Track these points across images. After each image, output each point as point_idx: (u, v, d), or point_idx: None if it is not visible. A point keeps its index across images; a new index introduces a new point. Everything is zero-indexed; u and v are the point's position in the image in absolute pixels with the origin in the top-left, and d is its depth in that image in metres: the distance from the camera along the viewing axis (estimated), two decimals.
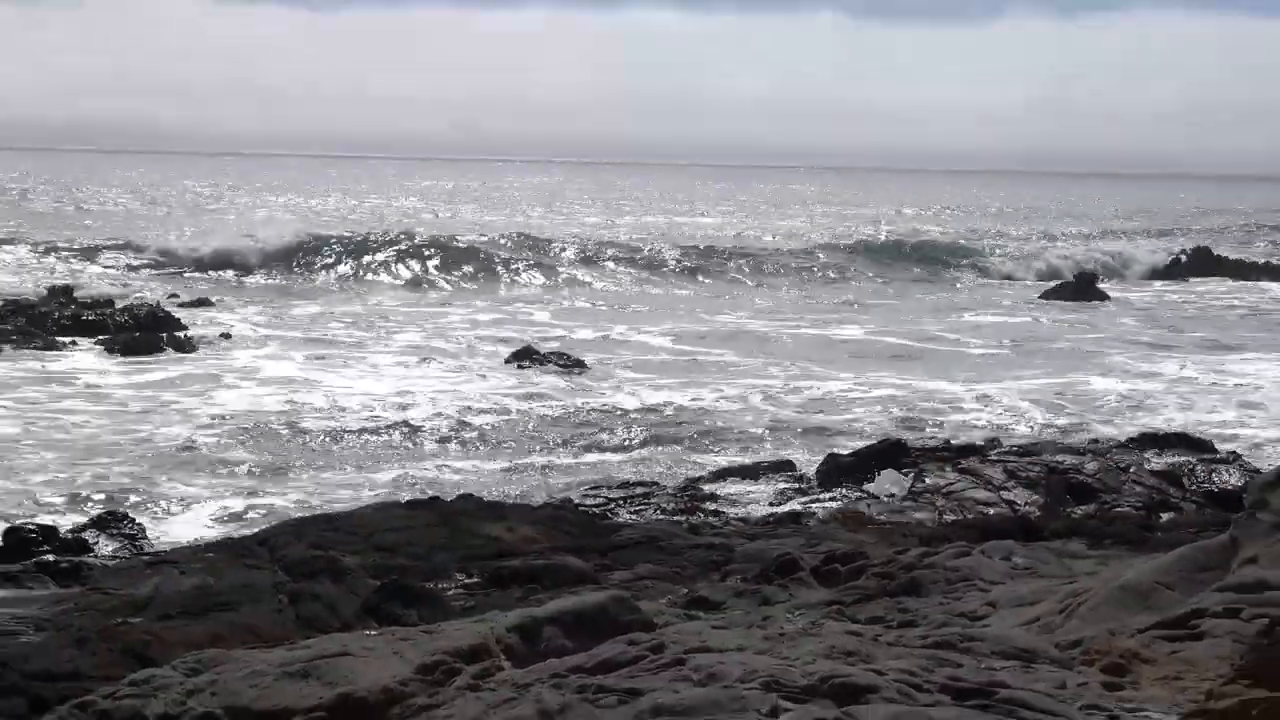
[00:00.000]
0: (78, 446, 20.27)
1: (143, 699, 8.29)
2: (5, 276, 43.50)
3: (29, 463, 19.06)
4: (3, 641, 10.80)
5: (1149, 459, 17.16)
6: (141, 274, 47.82)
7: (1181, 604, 9.11)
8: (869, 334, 36.62)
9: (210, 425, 22.16)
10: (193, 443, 20.78)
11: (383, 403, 24.34)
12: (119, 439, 20.95)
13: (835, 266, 54.16)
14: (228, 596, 11.59)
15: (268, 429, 21.82)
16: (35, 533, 13.89)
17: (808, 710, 7.22)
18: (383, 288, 46.51)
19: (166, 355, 29.58)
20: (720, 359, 31.53)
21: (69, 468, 19.00)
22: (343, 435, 21.56)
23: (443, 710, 7.94)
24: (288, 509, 16.01)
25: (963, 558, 11.94)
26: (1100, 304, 45.43)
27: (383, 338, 33.99)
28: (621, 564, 12.85)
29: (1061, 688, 7.55)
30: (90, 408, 23.46)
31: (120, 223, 70.66)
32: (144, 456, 19.81)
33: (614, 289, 47.93)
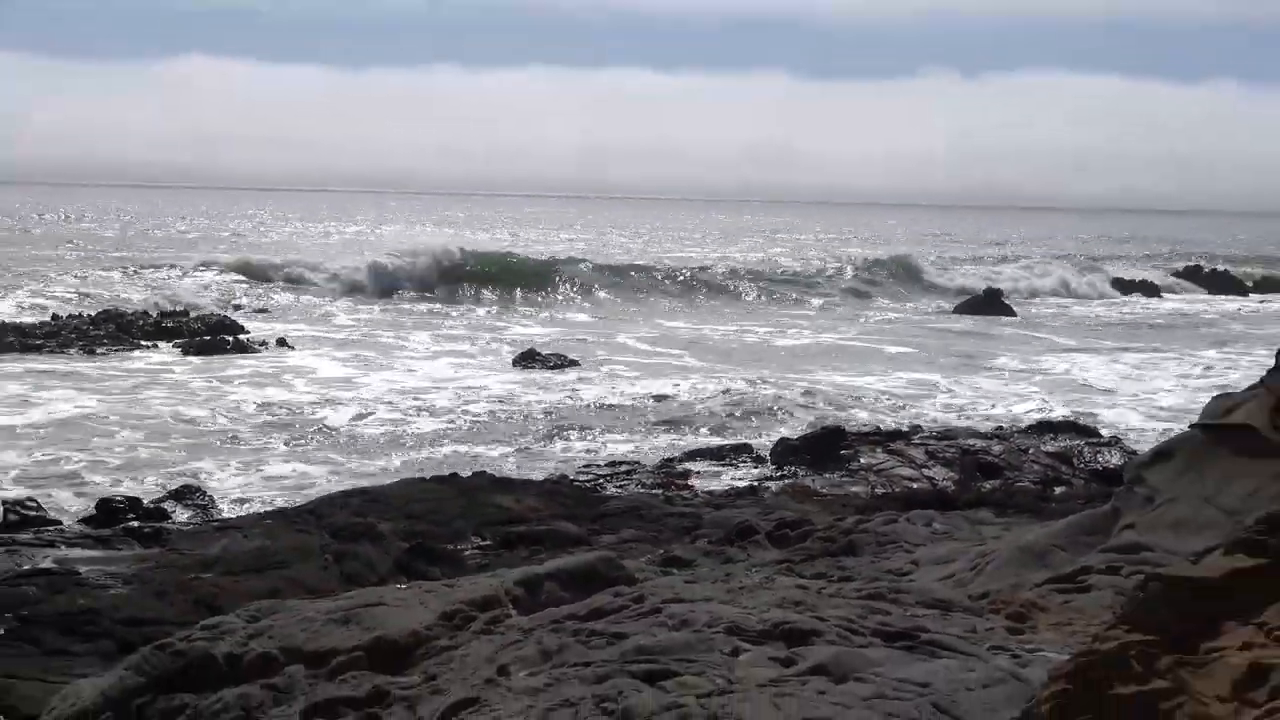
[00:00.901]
0: (151, 429, 20.70)
1: (212, 641, 8.39)
2: (129, 291, 42.64)
3: (111, 442, 19.55)
4: (96, 593, 10.95)
5: (1044, 442, 17.41)
6: (308, 289, 46.86)
7: (1072, 562, 9.26)
8: (807, 340, 36.90)
9: (264, 412, 22.51)
10: (247, 427, 21.20)
11: (411, 396, 24.81)
12: (186, 424, 21.36)
13: (781, 284, 53.55)
14: (283, 556, 11.72)
15: (312, 417, 22.13)
16: (122, 503, 14.07)
17: (763, 651, 7.30)
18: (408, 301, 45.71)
19: (230, 355, 29.64)
20: (685, 360, 31.97)
21: (144, 446, 19.49)
22: (376, 423, 21.95)
23: (460, 650, 8.04)
24: (331, 484, 15.96)
25: (891, 524, 12.07)
26: (1004, 315, 45.53)
27: (412, 342, 33.83)
28: (608, 529, 12.99)
29: (973, 631, 7.65)
30: (163, 397, 23.86)
31: (245, 246, 69.37)
32: (207, 437, 20.29)
33: (599, 302, 47.33)
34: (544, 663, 7.59)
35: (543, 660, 7.63)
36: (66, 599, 10.73)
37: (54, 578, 11.08)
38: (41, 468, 17.73)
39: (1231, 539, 6.58)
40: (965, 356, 33.47)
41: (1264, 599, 5.68)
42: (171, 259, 55.73)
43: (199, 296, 42.56)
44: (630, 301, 48.66)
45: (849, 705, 6.84)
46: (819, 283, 55.41)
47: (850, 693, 6.92)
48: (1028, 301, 52.72)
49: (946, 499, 14.28)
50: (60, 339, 30.33)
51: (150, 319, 33.95)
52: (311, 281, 47.02)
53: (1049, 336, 39.86)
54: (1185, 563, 6.82)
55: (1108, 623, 6.22)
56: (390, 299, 45.59)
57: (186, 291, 43.04)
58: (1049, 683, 5.53)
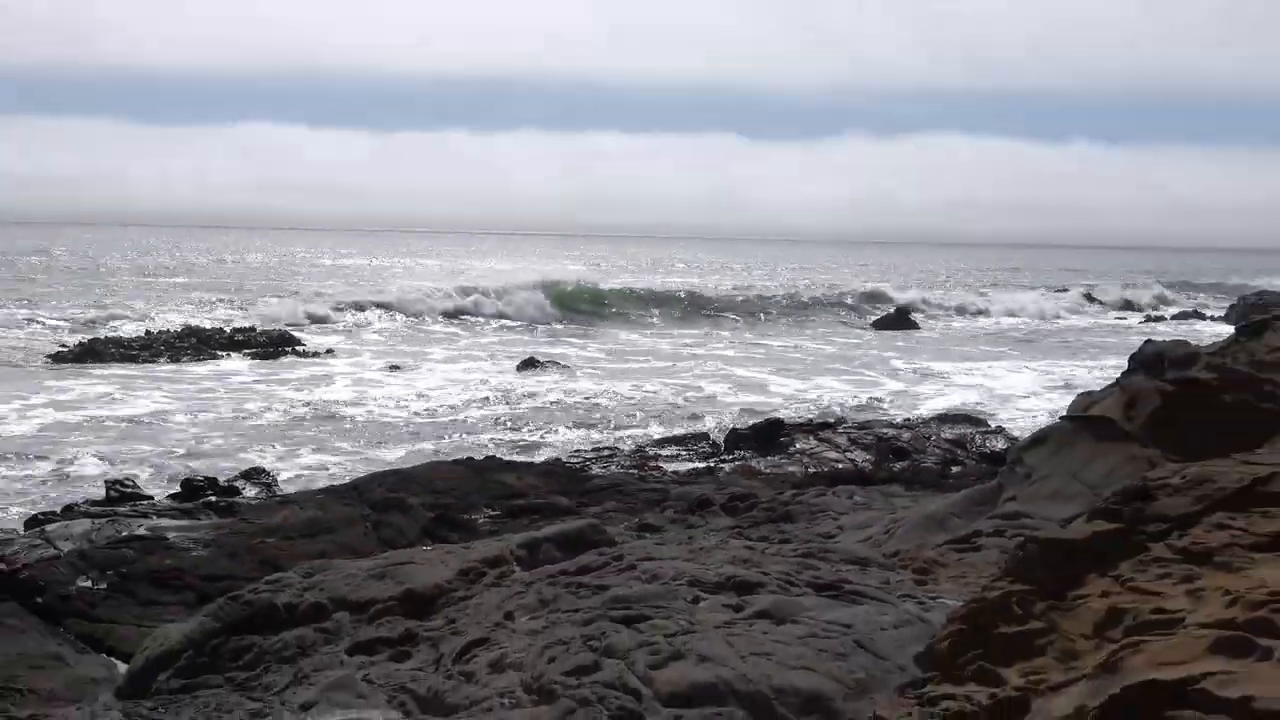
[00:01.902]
0: (220, 423, 20.68)
1: (274, 593, 8.38)
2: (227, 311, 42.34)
3: (187, 434, 19.55)
4: (180, 555, 10.93)
5: (943, 430, 17.43)
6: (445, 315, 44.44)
7: (965, 527, 9.28)
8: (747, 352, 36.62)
9: (311, 408, 22.49)
10: (297, 419, 21.24)
11: (435, 394, 24.83)
12: (248, 417, 21.32)
13: (733, 308, 53.06)
14: (331, 525, 11.69)
15: (352, 412, 22.16)
16: (202, 482, 14.04)
17: (718, 599, 7.29)
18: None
19: (287, 362, 29.64)
20: (655, 365, 31.75)
21: (213, 435, 19.51)
22: (406, 417, 22.00)
23: (474, 600, 8.04)
24: (369, 466, 15.97)
25: (820, 497, 12.08)
26: (912, 330, 45.66)
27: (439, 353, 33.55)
28: (593, 502, 12.98)
29: (886, 583, 7.69)
30: (230, 397, 23.80)
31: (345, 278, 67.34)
32: (262, 428, 20.19)
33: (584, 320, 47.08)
34: (542, 609, 7.59)
35: (541, 607, 7.62)
36: (157, 559, 10.70)
37: (147, 542, 11.04)
38: (129, 452, 17.65)
39: (1093, 508, 6.61)
40: (878, 361, 33.53)
41: (1119, 556, 5.70)
42: (265, 288, 55.66)
43: (298, 312, 41.75)
44: (610, 321, 48.37)
45: (787, 643, 6.84)
46: (765, 304, 55.10)
47: (788, 633, 6.93)
48: (931, 319, 52.73)
49: (865, 477, 14.32)
50: (152, 350, 30.23)
51: (225, 334, 33.75)
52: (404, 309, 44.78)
53: (948, 346, 39.86)
54: (1056, 527, 6.85)
55: (994, 576, 6.25)
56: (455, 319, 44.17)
57: (273, 311, 42.26)
58: (947, 624, 5.55)
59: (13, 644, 9.04)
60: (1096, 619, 5.20)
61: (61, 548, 10.77)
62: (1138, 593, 5.40)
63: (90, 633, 9.63)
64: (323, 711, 6.80)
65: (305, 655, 7.75)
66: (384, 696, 6.96)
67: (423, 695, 6.92)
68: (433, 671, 7.19)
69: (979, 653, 5.10)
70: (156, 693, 7.76)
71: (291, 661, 7.72)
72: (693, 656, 6.69)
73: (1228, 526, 5.81)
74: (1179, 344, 9.88)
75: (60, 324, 37.34)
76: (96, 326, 36.73)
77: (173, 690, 7.73)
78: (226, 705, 7.22)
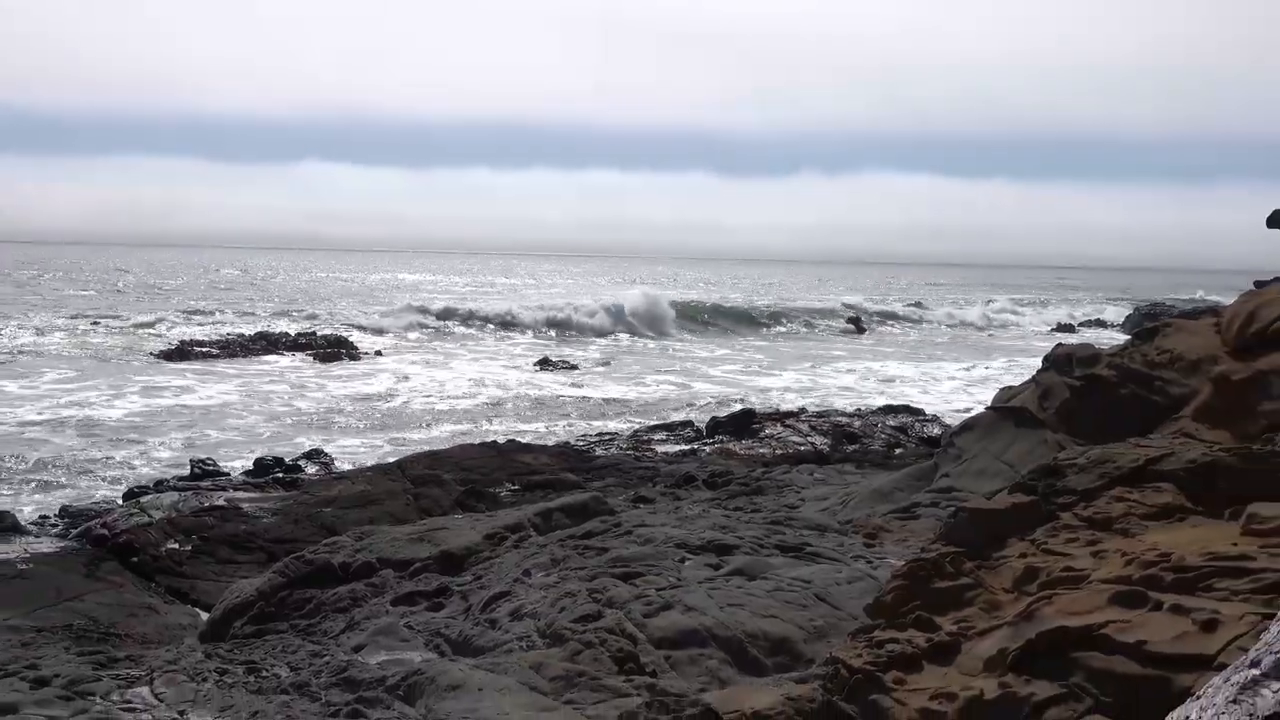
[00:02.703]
0: (283, 411, 20.57)
1: (331, 553, 8.36)
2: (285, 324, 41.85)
3: (249, 421, 19.38)
4: (253, 522, 10.93)
5: (888, 419, 17.34)
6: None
7: (907, 499, 9.25)
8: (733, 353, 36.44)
9: (360, 399, 22.42)
10: (353, 409, 21.13)
11: (462, 388, 24.77)
12: (309, 407, 21.25)
13: (724, 317, 51.84)
14: (378, 496, 11.66)
15: (396, 403, 22.09)
16: (271, 461, 14.06)
17: (700, 559, 7.26)
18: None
19: (342, 361, 29.44)
20: (651, 365, 31.60)
21: (277, 421, 19.43)
22: (441, 406, 21.92)
23: (498, 559, 8.01)
24: (410, 448, 15.94)
25: (786, 474, 12.05)
26: (860, 335, 45.69)
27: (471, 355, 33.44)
28: (597, 478, 12.96)
29: (841, 546, 7.70)
30: (287, 389, 23.70)
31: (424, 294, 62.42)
32: (316, 416, 20.04)
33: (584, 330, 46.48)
34: (554, 567, 7.58)
35: (553, 565, 7.62)
36: (233, 526, 10.70)
37: (224, 511, 11.01)
38: (207, 435, 17.62)
39: (1013, 483, 6.62)
40: (832, 360, 33.55)
41: (1034, 523, 5.71)
42: (324, 299, 55.18)
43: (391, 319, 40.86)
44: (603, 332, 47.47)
45: (758, 595, 6.84)
46: (740, 315, 54.12)
47: (759, 587, 6.94)
48: (875, 326, 52.33)
49: (823, 457, 14.30)
50: (228, 350, 30.12)
51: (290, 336, 33.50)
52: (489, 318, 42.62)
53: (890, 348, 39.78)
54: (982, 499, 6.86)
55: (931, 540, 6.26)
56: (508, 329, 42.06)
57: (371, 318, 41.39)
58: (891, 579, 5.56)
59: (113, 596, 9.03)
60: (1015, 576, 5.21)
61: (153, 516, 10.75)
62: (1050, 554, 5.40)
63: (177, 587, 9.64)
64: (371, 652, 6.80)
65: (356, 605, 7.75)
66: (422, 640, 6.95)
67: (454, 639, 6.92)
68: (463, 619, 7.19)
69: (918, 604, 5.10)
70: (232, 637, 7.75)
71: (345, 611, 7.72)
72: (679, 607, 6.70)
73: (1125, 499, 5.82)
74: (1084, 346, 9.88)
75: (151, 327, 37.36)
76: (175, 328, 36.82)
77: (246, 635, 7.72)
78: (291, 647, 7.22)
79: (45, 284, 64.55)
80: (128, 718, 5.94)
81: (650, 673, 6.05)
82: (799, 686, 4.75)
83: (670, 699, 4.73)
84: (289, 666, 6.75)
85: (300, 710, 5.94)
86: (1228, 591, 4.44)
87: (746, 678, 5.87)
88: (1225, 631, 4.11)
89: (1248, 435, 7.14)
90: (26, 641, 7.78)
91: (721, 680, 5.87)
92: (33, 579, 9.10)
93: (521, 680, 6.01)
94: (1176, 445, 6.69)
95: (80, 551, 9.98)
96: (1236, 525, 5.23)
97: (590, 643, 6.33)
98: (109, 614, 8.56)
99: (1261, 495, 5.52)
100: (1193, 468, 5.94)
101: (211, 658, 7.05)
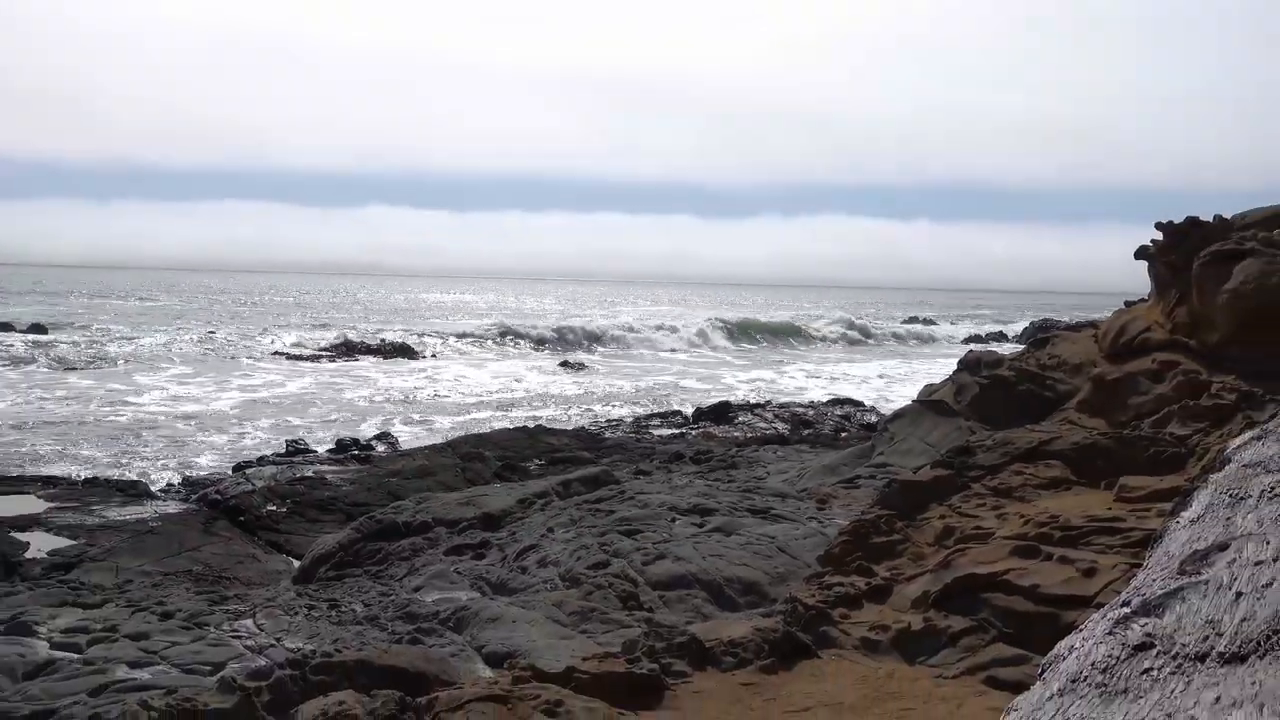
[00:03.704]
0: (352, 400, 20.39)
1: (396, 514, 8.34)
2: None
3: (322, 410, 19.11)
4: (335, 489, 10.86)
5: (835, 409, 17.25)
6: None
7: (851, 472, 9.19)
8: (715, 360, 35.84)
9: (417, 392, 22.25)
10: (415, 401, 20.89)
11: (499, 384, 24.52)
12: (377, 397, 21.04)
13: (718, 331, 49.80)
14: (433, 469, 11.63)
15: (449, 397, 21.80)
16: (349, 442, 13.95)
17: (688, 519, 7.22)
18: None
19: (405, 363, 29.22)
20: (647, 366, 31.15)
21: (349, 409, 19.27)
22: (483, 399, 21.67)
23: (528, 519, 7.97)
24: (458, 431, 15.83)
25: (755, 452, 12.00)
26: (813, 343, 44.91)
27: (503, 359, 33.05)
28: (606, 455, 12.89)
29: (798, 509, 7.59)
30: (353, 384, 23.43)
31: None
32: (388, 405, 19.97)
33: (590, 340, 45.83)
34: (572, 525, 7.57)
35: (571, 524, 7.61)
36: (319, 492, 10.65)
37: (312, 481, 10.97)
38: (296, 420, 17.48)
39: (934, 460, 6.63)
40: (790, 363, 33.41)
41: (951, 492, 5.70)
42: (392, 313, 54.33)
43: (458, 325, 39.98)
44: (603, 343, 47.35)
45: (733, 548, 6.83)
46: (731, 329, 51.27)
47: (733, 541, 6.93)
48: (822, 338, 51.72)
49: (784, 439, 14.26)
50: (309, 355, 29.89)
51: (363, 343, 33.02)
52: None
53: (837, 354, 39.59)
54: (910, 473, 6.87)
55: (869, 504, 6.27)
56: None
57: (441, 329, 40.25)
58: (838, 535, 5.56)
59: (224, 547, 9.01)
60: (936, 533, 5.22)
61: (256, 484, 10.72)
62: (963, 516, 5.41)
63: (274, 540, 9.61)
64: (427, 592, 6.79)
65: (416, 555, 7.74)
66: (468, 582, 6.95)
67: (493, 582, 6.91)
68: (500, 566, 7.19)
69: (859, 555, 5.11)
70: (318, 580, 7.73)
71: (407, 559, 7.71)
72: (671, 557, 6.71)
73: (1022, 473, 5.82)
74: (989, 353, 9.87)
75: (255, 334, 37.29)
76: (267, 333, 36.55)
77: (328, 578, 7.71)
78: (364, 588, 7.20)
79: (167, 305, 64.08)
80: (235, 643, 5.92)
81: (648, 609, 6.05)
82: (765, 620, 4.74)
83: (664, 629, 4.73)
84: (362, 603, 6.74)
85: (371, 638, 5.92)
86: (1104, 546, 4.44)
87: (724, 613, 5.86)
88: (1102, 578, 4.11)
89: (1119, 423, 7.15)
90: (156, 583, 7.77)
91: (704, 615, 5.87)
92: (161, 534, 9.09)
93: (546, 615, 6.00)
94: (1063, 430, 6.70)
95: (198, 513, 9.96)
96: (1111, 494, 5.24)
97: (600, 585, 6.33)
98: (221, 561, 8.54)
99: (1130, 470, 5.53)
100: (1076, 448, 5.94)
101: (301, 596, 7.03)
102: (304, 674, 4.26)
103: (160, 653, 5.69)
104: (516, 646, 5.46)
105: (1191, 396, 6.93)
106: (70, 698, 5.07)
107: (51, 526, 9.27)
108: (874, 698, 3.70)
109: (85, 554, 8.46)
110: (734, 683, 3.87)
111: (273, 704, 4.07)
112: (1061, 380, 8.50)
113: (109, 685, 5.20)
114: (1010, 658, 3.88)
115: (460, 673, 4.73)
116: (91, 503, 10.06)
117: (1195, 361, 7.51)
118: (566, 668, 3.76)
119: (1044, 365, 8.80)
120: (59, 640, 5.82)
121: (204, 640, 5.91)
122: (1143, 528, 4.37)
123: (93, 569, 8.06)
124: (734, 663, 4.02)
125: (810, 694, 3.75)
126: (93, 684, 5.22)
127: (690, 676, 3.91)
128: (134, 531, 9.11)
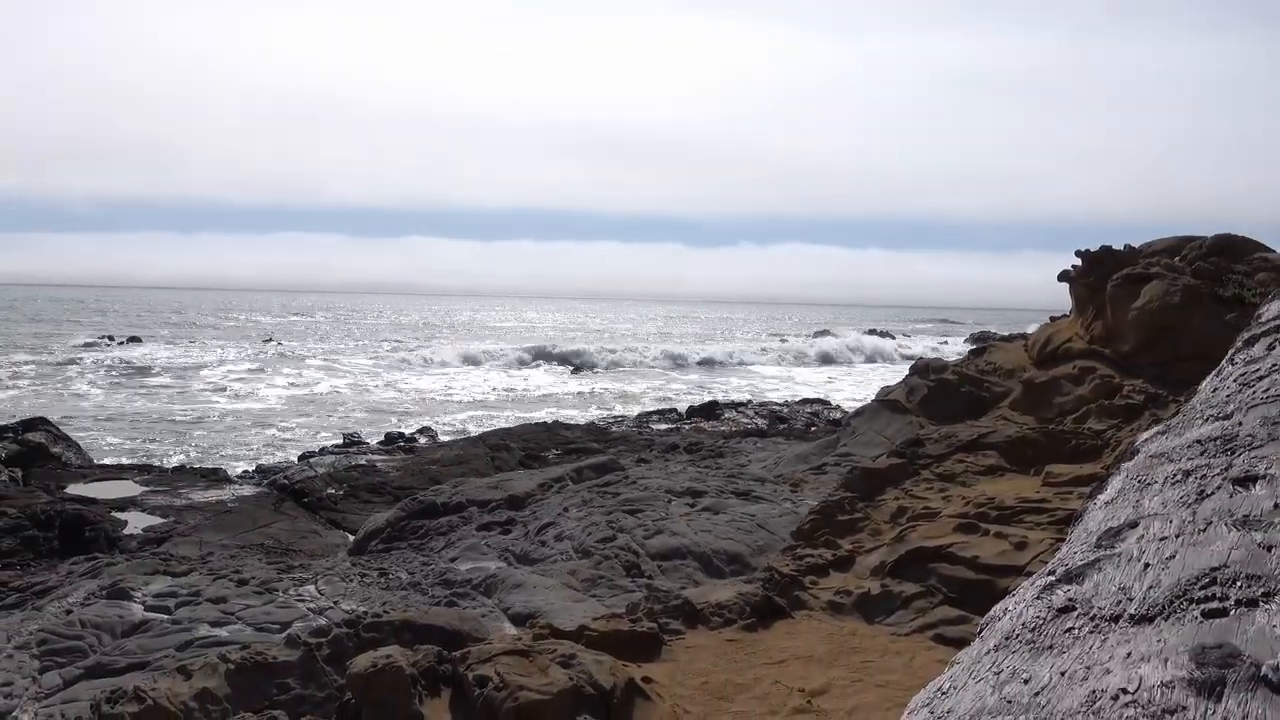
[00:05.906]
0: (369, 402, 20.16)
1: (435, 496, 8.30)
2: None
3: (383, 404, 19.23)
4: (384, 475, 10.80)
5: (806, 408, 17.16)
6: None
7: (819, 461, 9.14)
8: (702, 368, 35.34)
9: (450, 394, 22.08)
10: (453, 400, 20.74)
11: (521, 386, 24.49)
12: (423, 397, 20.81)
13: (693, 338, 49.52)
14: (467, 457, 11.55)
15: (480, 397, 21.65)
16: (397, 434, 13.85)
17: (682, 500, 7.18)
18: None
19: (443, 369, 29.02)
20: (641, 373, 30.80)
21: (399, 406, 19.23)
22: (508, 398, 21.45)
23: (547, 500, 7.93)
24: (486, 426, 15.78)
25: (739, 443, 11.93)
26: (786, 350, 44.25)
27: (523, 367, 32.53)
28: (613, 447, 12.76)
29: (775, 492, 7.50)
30: (409, 386, 23.44)
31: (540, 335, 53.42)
32: (412, 403, 19.78)
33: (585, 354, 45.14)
34: (584, 506, 7.55)
35: (583, 505, 7.59)
36: (370, 477, 10.60)
37: (364, 468, 10.95)
38: (349, 415, 17.40)
39: (889, 450, 6.61)
40: (766, 368, 33.21)
41: (904, 477, 5.68)
42: (428, 328, 53.70)
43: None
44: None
45: (720, 525, 6.80)
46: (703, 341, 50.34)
47: (720, 519, 6.90)
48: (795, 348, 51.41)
49: (763, 432, 14.22)
50: (370, 361, 29.64)
51: (412, 356, 32.67)
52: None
53: (806, 362, 39.11)
54: (869, 461, 6.85)
55: (835, 488, 6.26)
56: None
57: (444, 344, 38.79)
58: (809, 514, 5.54)
59: (290, 524, 8.99)
60: (891, 512, 5.20)
61: (318, 470, 10.71)
62: (914, 498, 5.39)
63: (333, 518, 9.58)
64: (462, 562, 6.78)
65: (452, 531, 7.72)
66: (496, 554, 6.93)
67: (517, 553, 6.90)
68: (523, 540, 7.17)
69: (826, 530, 5.09)
70: (370, 552, 7.72)
71: (445, 534, 7.68)
72: (667, 532, 6.70)
73: (964, 461, 5.80)
74: (936, 359, 9.86)
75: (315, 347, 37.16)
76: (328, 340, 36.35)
77: (378, 550, 7.69)
78: (409, 559, 7.19)
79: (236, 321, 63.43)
80: (300, 605, 5.91)
81: (648, 576, 6.03)
82: (747, 586, 4.73)
83: (661, 593, 4.72)
84: (407, 571, 6.72)
85: (415, 600, 5.91)
86: (1033, 523, 4.43)
87: (712, 580, 5.85)
88: (1031, 550, 4.10)
89: (1045, 419, 7.14)
90: (233, 555, 7.75)
91: (695, 582, 5.85)
92: (238, 513, 9.08)
93: (562, 581, 5.99)
94: (998, 425, 6.68)
95: (269, 495, 9.94)
96: (1039, 479, 5.23)
97: (608, 556, 6.32)
98: (288, 536, 8.53)
99: (1055, 459, 5.51)
100: (1009, 440, 5.93)
101: (355, 566, 7.02)
102: (357, 631, 4.25)
103: (237, 614, 5.67)
104: (537, 608, 5.45)
105: (1107, 397, 6.92)
106: (161, 652, 5.06)
107: (146, 507, 9.27)
108: (839, 651, 3.70)
109: (174, 530, 8.46)
110: (721, 639, 3.87)
111: (331, 657, 4.06)
112: (997, 383, 8.50)
113: (193, 641, 5.19)
114: (954, 618, 3.87)
115: (490, 630, 4.72)
116: (179, 487, 10.05)
117: (1110, 368, 7.50)
118: (579, 626, 3.75)
119: (982, 370, 8.80)
120: (152, 603, 5.81)
121: (273, 603, 5.90)
122: (1065, 508, 4.36)
123: (180, 543, 8.05)
124: (721, 622, 4.01)
125: (785, 648, 3.75)
126: (180, 640, 5.21)
127: (684, 633, 3.91)
128: (215, 511, 9.10)
